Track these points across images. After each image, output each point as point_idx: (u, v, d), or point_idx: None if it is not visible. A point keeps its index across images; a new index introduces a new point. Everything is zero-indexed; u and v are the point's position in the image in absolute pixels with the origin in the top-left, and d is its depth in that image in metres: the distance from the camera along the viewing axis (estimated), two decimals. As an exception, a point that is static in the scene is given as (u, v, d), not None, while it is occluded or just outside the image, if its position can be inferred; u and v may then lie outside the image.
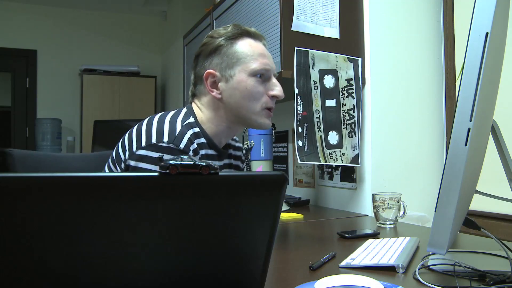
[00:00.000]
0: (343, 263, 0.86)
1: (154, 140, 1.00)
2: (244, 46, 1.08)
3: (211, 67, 1.08)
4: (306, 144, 1.56)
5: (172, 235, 0.50)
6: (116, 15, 4.68)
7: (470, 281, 0.72)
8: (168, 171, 0.46)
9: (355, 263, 0.86)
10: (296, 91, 1.55)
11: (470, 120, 0.62)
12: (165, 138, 1.01)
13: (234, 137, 1.29)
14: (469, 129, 0.62)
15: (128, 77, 4.30)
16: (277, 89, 1.09)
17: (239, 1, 1.94)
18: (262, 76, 1.07)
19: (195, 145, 1.05)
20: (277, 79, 1.62)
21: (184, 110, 1.11)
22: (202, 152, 1.08)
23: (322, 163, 1.59)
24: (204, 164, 0.47)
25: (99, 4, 4.43)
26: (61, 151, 4.18)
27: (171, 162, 0.46)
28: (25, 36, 4.33)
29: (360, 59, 1.69)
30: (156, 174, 0.46)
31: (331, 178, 1.91)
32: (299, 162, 1.54)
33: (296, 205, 1.89)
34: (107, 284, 0.50)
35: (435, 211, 0.66)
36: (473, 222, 0.80)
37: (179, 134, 1.03)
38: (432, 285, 0.70)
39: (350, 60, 1.67)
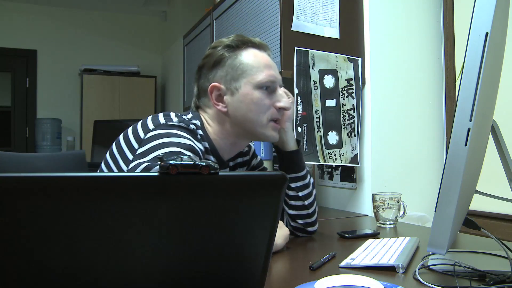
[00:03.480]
0: (343, 263, 0.86)
1: (162, 121, 0.99)
2: (249, 57, 1.04)
3: (216, 79, 1.05)
4: (305, 144, 1.56)
5: (172, 235, 0.50)
6: (116, 15, 4.68)
7: (470, 281, 0.72)
8: (168, 171, 0.46)
9: (355, 263, 0.86)
10: (296, 91, 1.55)
11: (470, 120, 0.62)
12: (174, 120, 1.00)
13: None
14: (469, 129, 0.62)
15: (128, 77, 4.30)
16: (284, 101, 1.06)
17: (239, 1, 1.95)
18: (268, 88, 1.04)
19: (198, 137, 1.03)
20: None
21: (190, 114, 1.09)
22: None
23: (321, 163, 1.59)
24: (204, 164, 0.47)
25: (99, 4, 4.43)
26: (61, 151, 4.18)
27: (171, 162, 0.46)
28: (25, 36, 4.33)
29: (360, 59, 1.69)
30: (156, 174, 0.46)
31: (331, 178, 1.91)
32: (299, 162, 1.54)
33: (296, 205, 1.89)
34: (107, 284, 0.50)
35: (435, 211, 0.66)
36: (473, 222, 0.80)
37: (186, 120, 1.02)
38: (432, 285, 0.70)
39: (350, 60, 1.67)
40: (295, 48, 1.56)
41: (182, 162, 0.47)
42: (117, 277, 0.50)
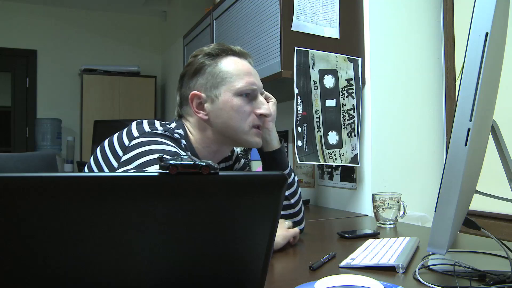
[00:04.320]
0: (343, 263, 0.86)
1: (147, 129, 0.99)
2: (229, 64, 1.04)
3: (196, 88, 1.05)
4: (305, 144, 1.56)
5: (171, 235, 0.50)
6: (116, 15, 4.68)
7: (470, 281, 0.72)
8: (168, 171, 0.46)
9: (355, 263, 0.86)
10: (296, 91, 1.55)
11: (470, 120, 0.62)
12: (159, 128, 1.00)
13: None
14: (469, 129, 0.62)
15: (128, 77, 4.30)
16: (264, 107, 1.06)
17: (239, 1, 1.94)
18: (248, 95, 1.04)
19: (182, 146, 1.04)
20: (276, 82, 1.62)
21: (174, 123, 1.09)
22: None
23: (321, 163, 1.59)
24: (204, 164, 0.47)
25: (99, 4, 4.43)
26: (61, 151, 4.18)
27: (171, 162, 0.46)
28: (25, 36, 4.33)
29: (360, 59, 1.69)
30: (156, 174, 0.46)
31: (331, 178, 1.91)
32: (298, 162, 1.54)
33: (296, 205, 1.89)
34: (107, 284, 0.50)
35: (435, 211, 0.66)
36: (473, 222, 0.80)
37: (170, 129, 1.02)
38: (432, 285, 0.70)
39: (350, 60, 1.67)
40: (295, 48, 1.56)
41: (182, 162, 0.47)
42: (117, 277, 0.50)
